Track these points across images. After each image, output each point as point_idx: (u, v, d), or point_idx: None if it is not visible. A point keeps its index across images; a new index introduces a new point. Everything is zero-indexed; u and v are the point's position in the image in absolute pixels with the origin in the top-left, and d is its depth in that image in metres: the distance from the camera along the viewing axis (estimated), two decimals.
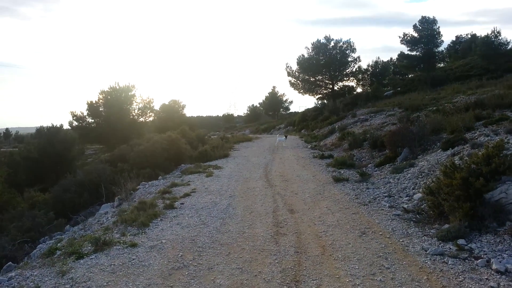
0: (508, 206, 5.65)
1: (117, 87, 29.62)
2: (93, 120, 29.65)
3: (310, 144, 21.20)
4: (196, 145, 19.59)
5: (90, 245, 5.99)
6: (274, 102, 65.77)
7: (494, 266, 4.60)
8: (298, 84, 40.35)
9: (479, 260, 4.81)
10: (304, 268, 4.95)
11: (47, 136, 24.09)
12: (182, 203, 8.61)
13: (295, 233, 6.31)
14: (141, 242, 6.14)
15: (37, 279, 4.93)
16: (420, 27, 36.59)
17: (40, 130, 26.54)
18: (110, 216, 8.53)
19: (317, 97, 42.79)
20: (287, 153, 17.63)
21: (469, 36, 48.04)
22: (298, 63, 39.47)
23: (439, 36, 36.80)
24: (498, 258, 4.80)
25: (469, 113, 12.43)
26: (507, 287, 4.18)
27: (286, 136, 23.03)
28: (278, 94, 66.41)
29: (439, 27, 36.56)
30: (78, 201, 12.70)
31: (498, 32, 32.41)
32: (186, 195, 9.43)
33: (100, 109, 29.49)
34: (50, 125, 26.25)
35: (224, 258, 5.39)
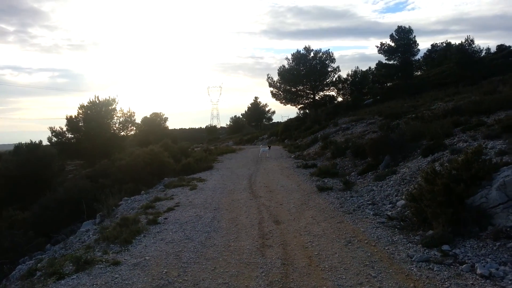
0: (489, 210, 5.74)
1: (97, 101, 29.21)
2: (72, 136, 29.06)
3: (294, 154, 21.28)
4: (179, 158, 19.41)
5: (71, 264, 5.81)
6: (256, 113, 66.00)
7: (478, 271, 4.64)
8: (280, 94, 40.68)
9: (464, 266, 4.85)
10: (291, 280, 4.91)
11: (26, 153, 23.51)
12: (166, 218, 8.47)
13: (281, 245, 6.27)
14: (124, 259, 5.99)
15: None
16: (397, 37, 37.51)
17: (19, 147, 25.85)
18: (92, 233, 8.32)
19: (299, 107, 43.16)
20: (271, 164, 17.63)
21: (444, 45, 49.41)
22: (279, 74, 39.85)
23: (415, 45, 37.82)
24: (482, 263, 4.85)
25: (447, 119, 12.70)
26: None
27: (269, 147, 23.05)
28: (261, 105, 66.73)
29: (415, 36, 37.64)
30: (59, 219, 12.36)
31: (472, 40, 33.43)
32: (170, 209, 9.29)
33: (80, 124, 28.97)
34: (29, 141, 25.67)
35: (210, 273, 5.30)
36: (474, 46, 33.41)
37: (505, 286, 4.31)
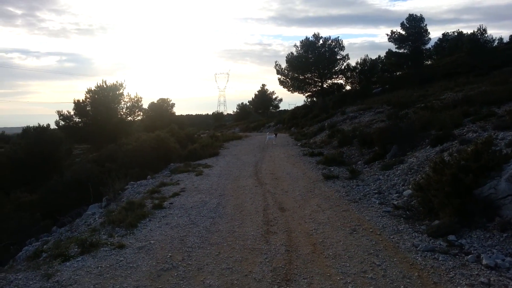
0: (497, 201, 5.66)
1: (105, 86, 29.20)
2: (80, 120, 29.16)
3: (300, 142, 21.18)
4: (185, 144, 19.43)
5: (76, 247, 5.86)
6: (263, 100, 65.64)
7: (484, 262, 4.60)
8: (288, 82, 40.38)
9: (469, 256, 4.81)
10: (295, 266, 4.90)
11: (34, 136, 23.66)
12: (171, 203, 8.50)
13: (286, 232, 6.26)
14: (129, 243, 6.03)
15: (21, 283, 4.79)
16: (408, 25, 36.85)
17: (27, 130, 26.02)
18: (98, 217, 8.39)
19: (306, 95, 42.88)
20: (277, 151, 17.59)
21: (456, 34, 48.56)
22: (287, 61, 39.49)
23: (426, 34, 37.14)
24: (488, 254, 4.81)
25: (457, 109, 12.53)
26: (497, 282, 4.18)
27: (276, 134, 22.99)
28: (268, 92, 66.31)
29: (426, 25, 36.92)
30: (65, 201, 12.47)
31: (484, 30, 32.75)
32: (175, 194, 9.32)
33: (87, 108, 29.04)
34: (37, 125, 25.84)
35: (214, 258, 5.31)
36: (486, 35, 32.76)
37: (510, 277, 4.27)
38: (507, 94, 12.72)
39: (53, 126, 27.58)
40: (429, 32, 37.04)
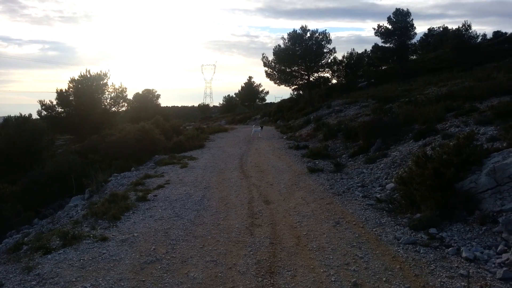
0: (478, 195, 5.78)
1: (88, 76, 28.64)
2: (63, 110, 28.56)
3: (286, 135, 21.24)
4: (170, 136, 19.28)
5: (58, 239, 5.76)
6: (250, 93, 65.42)
7: (463, 254, 4.70)
8: (274, 74, 40.21)
9: (450, 249, 4.91)
10: (279, 259, 4.93)
11: (15, 126, 23.15)
12: (156, 195, 8.43)
13: (270, 224, 6.29)
14: (112, 235, 5.96)
15: (0, 276, 4.70)
16: (394, 20, 37.10)
17: (8, 120, 25.41)
18: (80, 209, 8.27)
19: (293, 88, 42.78)
20: (262, 144, 17.60)
21: (441, 29, 49.09)
22: (274, 54, 39.29)
23: (412, 29, 37.46)
24: (468, 246, 4.91)
25: (440, 104, 12.69)
26: (475, 274, 4.28)
27: (262, 127, 22.99)
28: (254, 85, 66.09)
29: (412, 19, 37.23)
30: (47, 193, 12.27)
31: (469, 26, 33.19)
32: (160, 186, 9.24)
33: (70, 98, 28.45)
34: (18, 114, 25.27)
35: (198, 250, 5.30)
36: (471, 31, 33.22)
37: (488, 269, 4.37)
38: (489, 90, 12.94)
39: (35, 116, 27.02)
40: (415, 27, 37.41)
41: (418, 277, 4.31)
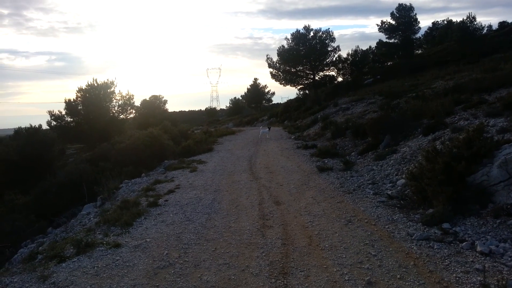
0: (490, 188, 5.72)
1: (96, 84, 28.96)
2: (72, 119, 28.92)
3: (294, 135, 21.20)
4: (179, 141, 19.35)
5: (72, 247, 5.82)
6: (256, 94, 65.53)
7: (478, 248, 4.65)
8: (279, 75, 40.30)
9: (464, 243, 4.86)
10: (292, 260, 4.92)
11: (26, 137, 23.44)
12: (166, 200, 8.47)
13: (282, 225, 6.28)
14: (125, 242, 6.00)
15: (17, 286, 4.77)
16: (398, 15, 36.96)
17: (18, 132, 25.77)
18: (93, 216, 8.35)
19: (298, 87, 42.87)
20: (271, 145, 17.59)
21: (445, 22, 48.71)
22: (278, 54, 39.38)
23: (416, 23, 37.30)
24: (482, 240, 4.85)
25: (448, 98, 12.58)
26: (491, 268, 4.23)
27: (269, 128, 22.98)
28: (260, 86, 66.19)
29: (415, 14, 37.07)
30: (60, 202, 12.41)
31: (473, 18, 32.97)
32: (170, 191, 9.29)
33: (79, 108, 28.79)
34: (29, 125, 25.57)
35: (210, 254, 5.31)
36: (475, 23, 32.96)
37: (504, 262, 4.32)
38: (497, 81, 12.80)
39: (45, 126, 27.35)
40: (418, 21, 37.28)
41: (432, 273, 4.27)
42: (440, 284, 4.04)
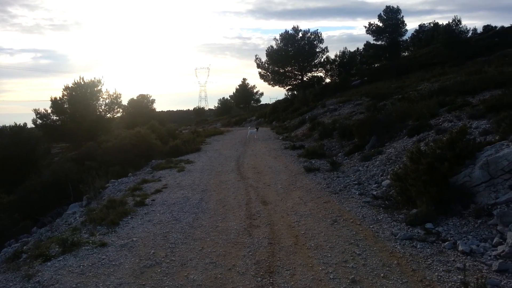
0: (472, 189, 5.85)
1: (82, 83, 28.56)
2: (58, 118, 28.46)
3: (282, 136, 21.29)
4: (166, 140, 19.27)
5: (57, 246, 5.78)
6: (244, 95, 65.49)
7: (460, 248, 4.76)
8: (268, 75, 40.41)
9: (446, 243, 4.97)
10: (278, 259, 4.97)
11: (10, 136, 23.08)
12: (153, 200, 8.45)
13: (268, 225, 6.33)
14: (111, 241, 5.98)
15: (1, 285, 4.72)
16: (385, 17, 37.34)
17: (3, 130, 25.34)
18: (78, 216, 8.27)
19: (287, 88, 43.04)
20: (258, 145, 17.64)
21: (432, 25, 49.43)
22: (267, 55, 39.50)
23: (403, 25, 37.74)
24: (464, 240, 4.97)
25: (433, 100, 12.79)
26: (472, 267, 4.34)
27: (257, 128, 23.04)
28: (249, 86, 66.17)
29: (402, 16, 37.50)
30: (45, 201, 12.24)
31: (459, 21, 33.40)
32: (158, 191, 9.26)
33: (65, 106, 28.36)
34: (13, 124, 25.16)
35: (197, 253, 5.33)
36: (461, 26, 33.44)
37: (484, 261, 4.44)
38: (481, 84, 13.06)
39: (30, 125, 26.93)
40: (405, 24, 37.73)
41: (415, 272, 4.36)
42: (423, 282, 4.13)
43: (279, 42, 39.15)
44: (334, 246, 5.22)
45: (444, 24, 36.34)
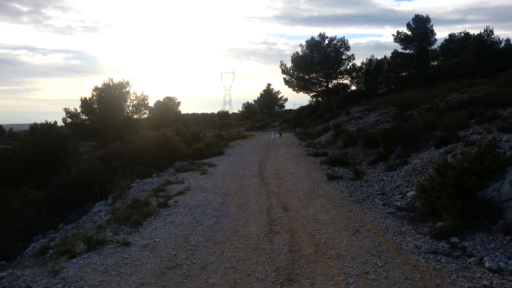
0: (501, 204, 5.68)
1: (111, 84, 29.33)
2: (87, 117, 29.34)
3: (305, 142, 21.20)
4: (190, 143, 19.50)
5: (82, 244, 5.93)
6: (269, 100, 65.66)
7: (487, 264, 4.62)
8: (293, 81, 40.37)
9: (472, 258, 4.83)
10: (298, 266, 4.95)
11: (41, 133, 23.91)
12: (176, 201, 8.57)
13: (289, 231, 6.31)
14: (134, 241, 6.10)
15: (28, 279, 4.88)
16: (414, 26, 36.72)
17: (34, 127, 26.29)
18: (104, 214, 8.47)
19: (311, 94, 42.87)
20: (281, 151, 17.62)
21: (462, 35, 48.24)
22: (292, 61, 39.48)
23: (432, 35, 37.00)
24: (491, 256, 4.82)
25: (462, 111, 12.49)
26: (500, 285, 4.20)
27: (280, 134, 23.03)
28: (273, 92, 66.33)
29: (432, 25, 36.78)
30: (72, 198, 12.60)
31: (491, 31, 32.55)
32: (180, 193, 9.39)
33: (94, 106, 29.19)
34: (44, 122, 26.06)
35: (217, 257, 5.37)
36: (493, 37, 32.55)
37: None
38: None
39: (60, 123, 27.86)
40: (435, 33, 36.95)
41: (439, 287, 4.26)
42: None
43: (304, 48, 39.08)
44: (356, 257, 5.16)
45: (475, 34, 35.51)
